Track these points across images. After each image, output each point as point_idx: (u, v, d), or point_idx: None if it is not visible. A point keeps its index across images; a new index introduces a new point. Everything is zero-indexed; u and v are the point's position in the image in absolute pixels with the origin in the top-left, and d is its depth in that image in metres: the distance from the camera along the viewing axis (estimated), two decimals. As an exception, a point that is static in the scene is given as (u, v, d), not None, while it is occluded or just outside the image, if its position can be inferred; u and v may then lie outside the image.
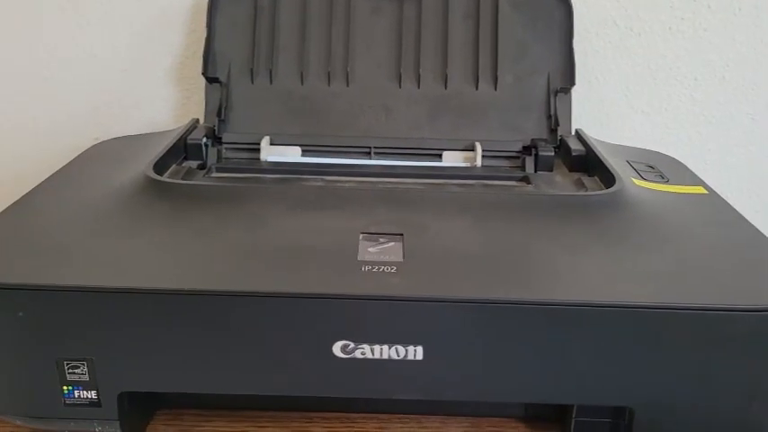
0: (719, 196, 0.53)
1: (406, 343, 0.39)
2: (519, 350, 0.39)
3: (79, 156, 0.60)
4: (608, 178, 0.53)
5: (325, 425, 0.47)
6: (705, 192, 0.54)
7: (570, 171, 0.59)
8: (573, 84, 0.64)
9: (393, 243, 0.43)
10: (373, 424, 0.48)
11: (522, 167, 0.61)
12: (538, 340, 0.39)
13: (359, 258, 0.41)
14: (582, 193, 0.52)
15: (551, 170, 0.60)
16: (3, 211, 0.47)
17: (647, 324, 0.38)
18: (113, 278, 0.39)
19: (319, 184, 0.56)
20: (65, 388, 0.40)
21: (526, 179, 0.57)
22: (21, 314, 0.38)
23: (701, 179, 0.57)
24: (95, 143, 0.64)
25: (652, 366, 0.39)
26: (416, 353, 0.39)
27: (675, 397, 0.40)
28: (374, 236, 0.44)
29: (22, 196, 0.50)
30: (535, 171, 0.60)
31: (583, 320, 0.38)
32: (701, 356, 0.39)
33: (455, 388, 0.41)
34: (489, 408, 0.48)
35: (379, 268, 0.40)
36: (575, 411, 0.43)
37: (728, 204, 0.52)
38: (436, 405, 0.48)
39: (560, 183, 0.57)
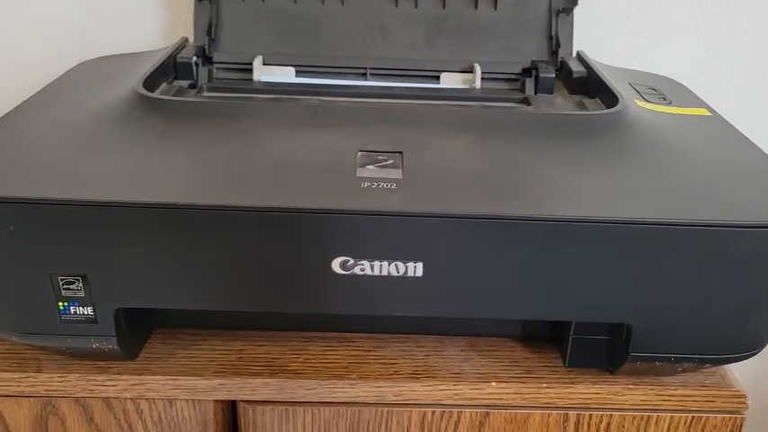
0: (723, 118, 0.52)
1: (405, 259, 0.39)
2: (519, 266, 0.39)
3: (64, 75, 0.58)
4: (610, 99, 0.52)
5: (323, 344, 0.48)
6: (708, 113, 0.53)
7: (571, 93, 0.58)
8: (575, 3, 0.62)
9: (392, 160, 0.42)
10: (371, 343, 0.48)
11: (522, 90, 0.60)
12: (538, 256, 0.39)
13: (358, 175, 0.40)
14: (584, 112, 0.51)
15: (551, 92, 0.59)
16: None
17: (647, 240, 0.38)
18: (106, 192, 0.38)
19: (314, 103, 0.54)
20: (60, 304, 0.40)
21: (526, 101, 0.56)
22: (12, 228, 0.37)
23: (703, 101, 0.56)
24: (80, 63, 0.62)
25: (652, 283, 0.39)
26: (416, 269, 0.39)
27: (674, 313, 0.40)
28: (373, 154, 0.43)
29: (6, 113, 0.48)
30: (535, 93, 0.59)
31: (583, 236, 0.38)
32: (701, 273, 0.39)
33: (455, 305, 0.41)
34: (486, 327, 0.48)
35: (379, 184, 0.39)
36: (572, 329, 0.43)
37: (731, 125, 0.51)
38: (434, 325, 0.48)
39: (561, 104, 0.56)
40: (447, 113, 0.49)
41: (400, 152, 0.43)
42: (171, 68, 0.57)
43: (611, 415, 0.46)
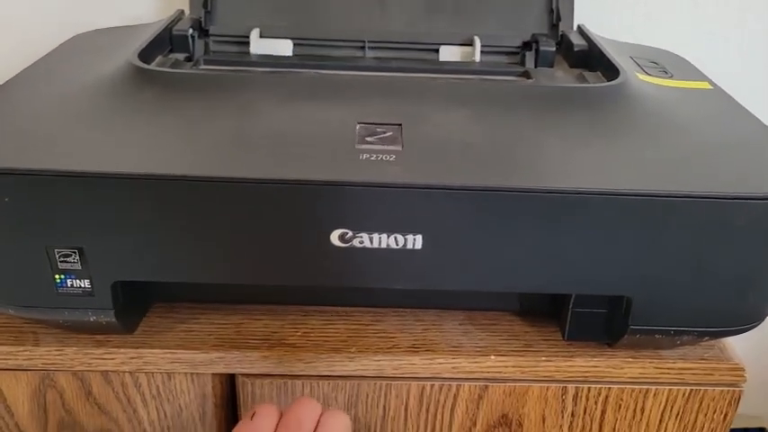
0: (724, 91, 0.52)
1: (405, 232, 0.38)
2: (518, 239, 0.39)
3: (57, 48, 0.57)
4: (611, 72, 0.51)
5: (321, 318, 0.47)
6: (710, 87, 0.53)
7: (571, 67, 0.57)
8: (576, -24, 0.61)
9: (391, 133, 0.42)
10: (369, 317, 0.48)
11: (522, 63, 0.59)
12: (537, 228, 0.38)
13: (356, 147, 0.40)
14: (585, 84, 0.50)
15: (552, 66, 0.58)
16: (-20, 99, 0.45)
17: (648, 212, 0.38)
18: (102, 163, 0.37)
19: (313, 76, 0.53)
20: (57, 277, 0.40)
21: (526, 74, 0.55)
22: (6, 200, 0.37)
23: (705, 75, 0.56)
24: (74, 36, 0.61)
25: (652, 255, 0.39)
26: (415, 242, 0.39)
27: (674, 286, 0.40)
28: (371, 126, 0.43)
29: (0, 85, 0.47)
30: (535, 67, 0.58)
31: (583, 208, 0.38)
32: (701, 245, 0.39)
33: (454, 278, 0.40)
34: (485, 301, 0.48)
35: (378, 156, 0.39)
36: (572, 302, 0.43)
37: (733, 98, 0.50)
38: (432, 299, 0.48)
39: (561, 78, 0.55)
40: (447, 86, 0.48)
41: (399, 124, 0.43)
42: (167, 41, 0.57)
43: (609, 388, 0.46)
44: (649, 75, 0.53)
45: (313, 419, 0.39)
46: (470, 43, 0.59)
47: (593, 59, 0.56)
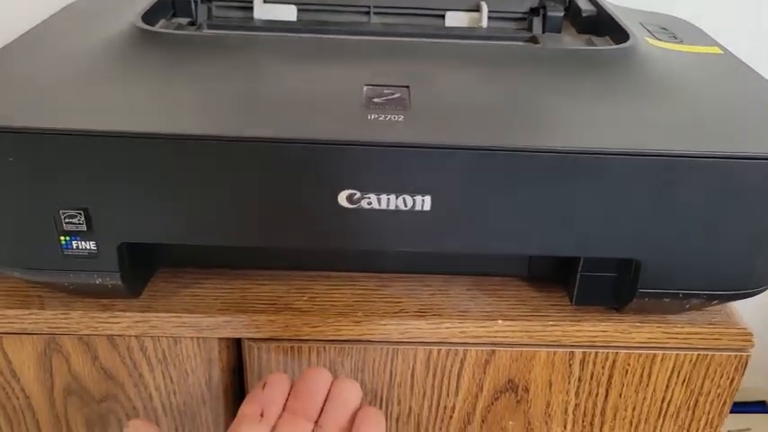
0: (735, 56, 0.51)
1: (413, 193, 0.38)
2: (527, 200, 0.38)
3: (52, 16, 0.56)
4: (620, 36, 0.50)
5: (327, 283, 0.47)
6: (720, 51, 0.52)
7: (579, 33, 0.57)
8: (585, -60, 0.60)
9: (399, 94, 0.41)
10: (375, 283, 0.48)
11: (530, 29, 0.58)
12: (547, 189, 0.38)
13: (364, 108, 0.39)
14: (594, 47, 0.49)
15: (560, 32, 0.57)
16: (-17, 61, 0.44)
17: (657, 173, 0.37)
18: (107, 122, 0.37)
19: (319, 38, 0.53)
20: (62, 238, 0.39)
21: (534, 39, 0.54)
22: (10, 159, 0.36)
23: (715, 41, 0.55)
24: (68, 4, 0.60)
25: (661, 217, 0.39)
26: (424, 203, 0.38)
27: (683, 248, 0.40)
28: (379, 87, 0.42)
29: (1, 48, 0.47)
30: (543, 32, 0.57)
31: (592, 168, 0.37)
32: (711, 206, 0.38)
33: (463, 240, 0.40)
34: (493, 266, 0.48)
35: (386, 117, 0.39)
36: (580, 266, 0.43)
37: (744, 63, 0.50)
38: (439, 264, 0.48)
39: (569, 43, 0.54)
40: (454, 49, 0.47)
41: (407, 86, 0.42)
42: (169, 5, 0.56)
43: (616, 353, 0.46)
44: (659, 40, 0.53)
45: (324, 388, 0.39)
46: (477, 9, 0.59)
47: (601, 25, 0.55)
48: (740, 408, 1.00)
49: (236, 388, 0.48)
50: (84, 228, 0.39)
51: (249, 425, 0.37)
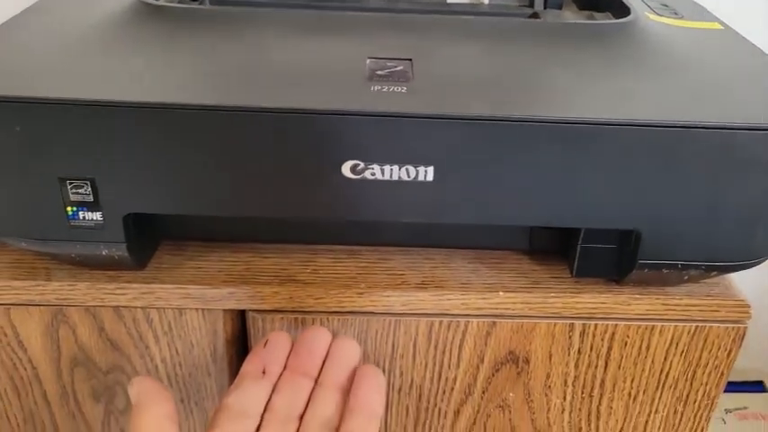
0: (735, 31, 0.51)
1: (416, 163, 0.38)
2: (529, 171, 0.39)
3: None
4: (620, 11, 0.51)
5: (330, 256, 0.48)
6: (721, 27, 0.52)
7: (580, 9, 0.57)
8: None
9: (402, 67, 0.42)
10: (377, 256, 0.48)
11: (531, 5, 0.58)
12: (548, 159, 0.38)
13: (367, 80, 0.40)
14: (595, 21, 0.50)
15: (560, 8, 0.57)
16: (-12, 34, 0.45)
17: (657, 143, 0.38)
18: (113, 93, 0.37)
19: (322, 12, 0.53)
20: (69, 209, 0.40)
21: (535, 15, 0.55)
22: (18, 129, 0.37)
23: (716, 17, 0.55)
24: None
25: (661, 188, 0.39)
26: (427, 174, 0.39)
27: (682, 219, 0.40)
28: (382, 60, 0.42)
29: (4, 23, 0.47)
30: (544, 8, 0.57)
31: (593, 139, 0.38)
32: (711, 177, 0.39)
33: (465, 210, 0.40)
34: (494, 239, 0.48)
35: (389, 88, 0.39)
36: (581, 237, 0.44)
37: (744, 38, 0.50)
38: (441, 236, 0.48)
39: (571, 18, 0.55)
40: (457, 23, 0.48)
41: (409, 59, 0.42)
42: (171, -18, 0.56)
43: (615, 325, 0.46)
44: (660, 15, 0.53)
45: (324, 347, 0.40)
46: (479, -14, 0.59)
47: (602, 0, 0.56)
48: (739, 387, 1.02)
49: (241, 359, 0.48)
50: (90, 198, 0.39)
51: (251, 382, 0.38)
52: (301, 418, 0.38)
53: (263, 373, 0.38)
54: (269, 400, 0.38)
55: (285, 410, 0.37)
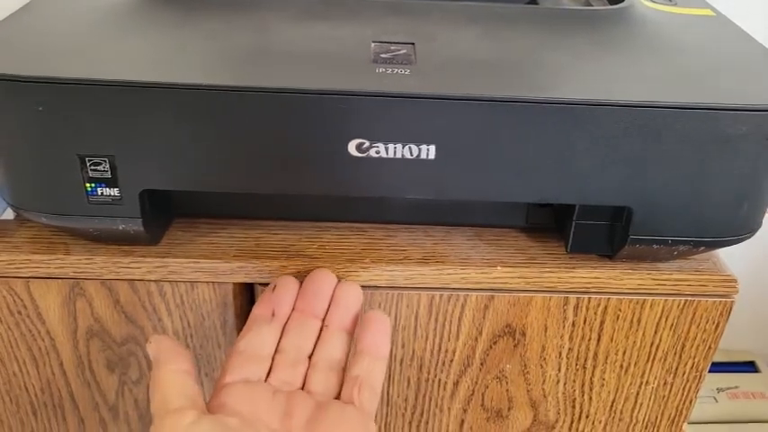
0: (727, 18, 0.53)
1: (419, 142, 0.40)
2: (527, 149, 0.41)
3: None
4: (616, -2, 0.53)
5: (337, 233, 0.50)
6: (713, 14, 0.54)
7: (578, -4, 0.59)
8: None
9: (405, 50, 0.44)
10: (382, 232, 0.50)
11: (529, -8, 0.60)
12: (545, 138, 0.40)
13: (372, 62, 0.42)
14: (591, 7, 0.51)
15: (558, -5, 0.59)
16: (8, 17, 0.46)
17: (648, 123, 0.40)
18: (132, 73, 0.39)
19: None
20: (87, 185, 0.42)
21: (533, 1, 0.57)
22: (40, 108, 0.39)
23: (709, 4, 0.57)
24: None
25: (652, 166, 0.41)
26: (429, 152, 0.41)
27: (672, 197, 0.42)
28: (385, 44, 0.44)
29: (22, 7, 0.48)
30: (542, -5, 0.59)
31: (588, 119, 0.40)
32: (700, 156, 0.41)
33: (465, 187, 0.42)
34: (493, 216, 0.50)
35: (394, 70, 0.41)
36: (576, 213, 0.46)
37: (735, 24, 0.52)
38: (442, 214, 0.50)
39: (568, 4, 0.56)
40: (458, 9, 0.50)
41: (412, 43, 0.44)
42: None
43: (608, 299, 0.48)
44: (654, 2, 0.55)
45: (330, 289, 0.42)
46: (479, -27, 0.60)
47: (599, -12, 0.57)
48: (730, 367, 1.04)
49: (250, 332, 0.51)
50: (108, 175, 0.41)
51: (261, 324, 0.40)
52: (310, 358, 0.40)
53: (273, 315, 0.41)
54: (279, 341, 0.40)
55: (294, 352, 0.40)
